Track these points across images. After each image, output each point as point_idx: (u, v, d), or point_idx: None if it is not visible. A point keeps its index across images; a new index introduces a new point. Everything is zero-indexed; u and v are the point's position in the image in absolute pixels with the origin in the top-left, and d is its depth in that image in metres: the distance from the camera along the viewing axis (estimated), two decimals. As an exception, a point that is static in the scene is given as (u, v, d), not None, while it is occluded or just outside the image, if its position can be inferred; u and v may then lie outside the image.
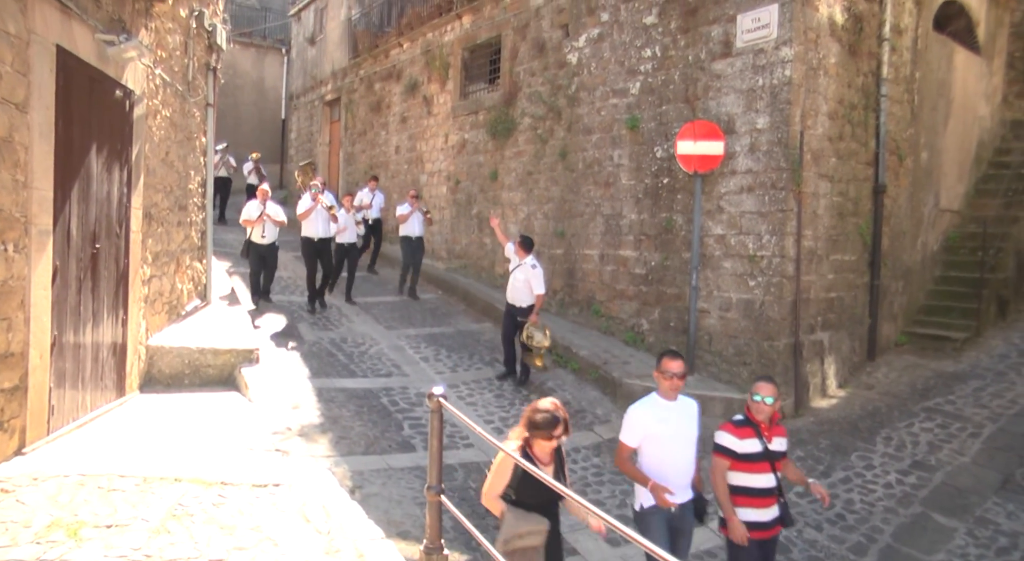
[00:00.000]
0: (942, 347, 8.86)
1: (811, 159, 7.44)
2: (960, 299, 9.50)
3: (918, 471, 6.13)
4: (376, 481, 5.52)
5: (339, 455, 5.88)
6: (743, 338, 7.54)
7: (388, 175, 14.78)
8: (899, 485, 5.95)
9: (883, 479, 6.06)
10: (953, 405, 7.31)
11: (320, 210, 9.86)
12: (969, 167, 10.75)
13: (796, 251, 7.32)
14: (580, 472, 6.12)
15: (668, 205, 8.38)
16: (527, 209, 10.68)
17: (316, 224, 9.87)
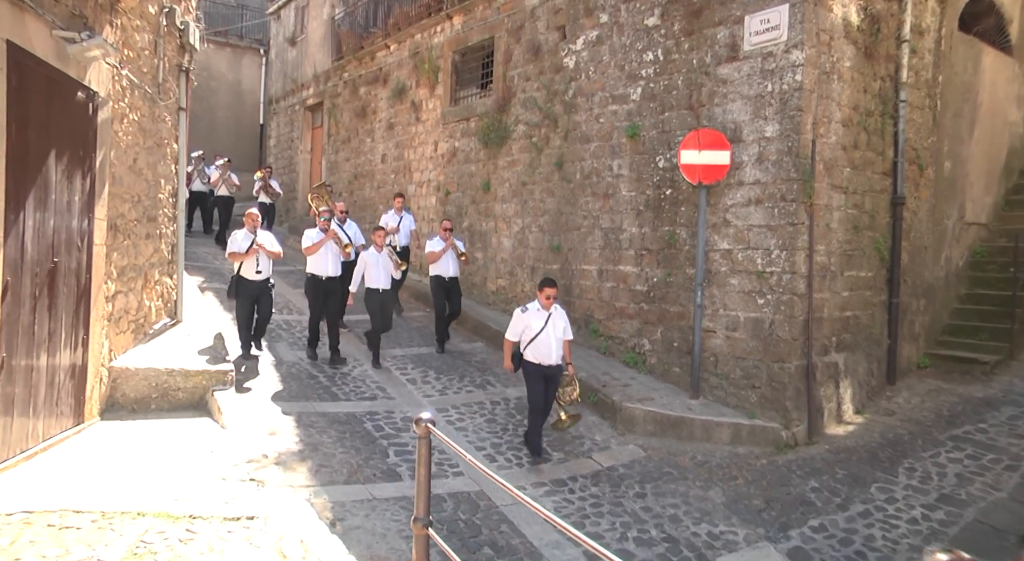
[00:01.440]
0: (970, 370, 8.83)
1: (823, 169, 7.48)
2: (989, 318, 9.48)
3: (946, 506, 6.03)
4: (359, 513, 5.47)
5: (319, 485, 5.82)
6: (751, 360, 7.52)
7: (373, 185, 14.78)
8: (925, 521, 5.85)
9: (907, 514, 5.96)
10: (985, 434, 7.25)
11: (330, 244, 9.02)
12: (998, 177, 10.74)
13: (808, 267, 7.34)
14: (577, 503, 6.08)
15: (671, 218, 8.40)
16: (521, 222, 10.70)
17: (324, 260, 8.97)
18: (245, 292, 8.46)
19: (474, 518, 5.67)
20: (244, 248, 8.41)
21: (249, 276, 8.47)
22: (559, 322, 6.75)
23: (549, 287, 6.66)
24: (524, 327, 6.66)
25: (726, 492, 6.33)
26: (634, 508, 6.02)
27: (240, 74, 22.26)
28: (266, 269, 8.52)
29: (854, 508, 6.06)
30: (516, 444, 7.12)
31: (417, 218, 13.24)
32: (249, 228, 8.53)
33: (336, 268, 9.03)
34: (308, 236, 8.97)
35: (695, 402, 7.70)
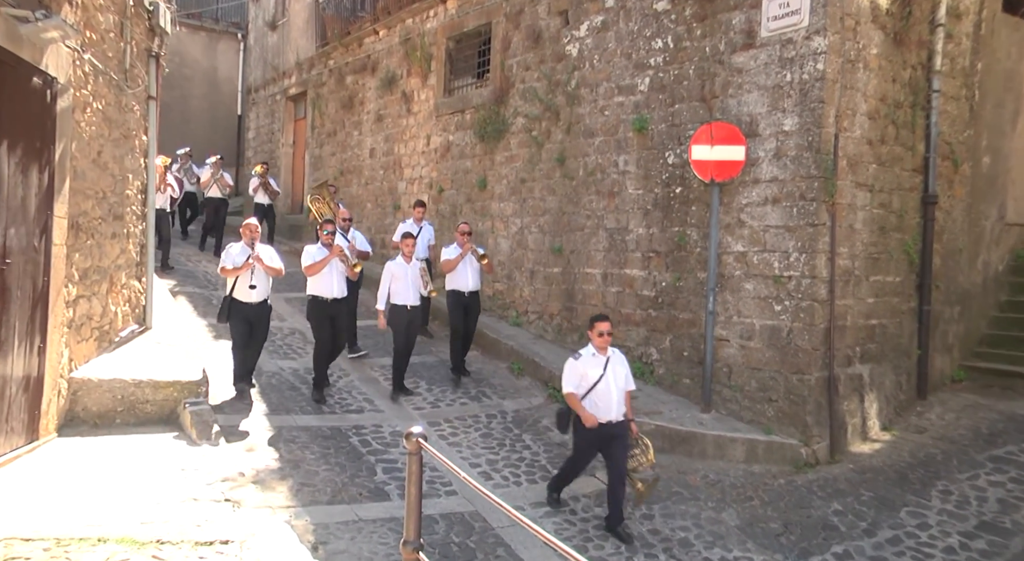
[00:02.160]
0: (1012, 385, 8.76)
1: (847, 166, 7.47)
2: None
3: (988, 534, 5.93)
4: (343, 535, 5.43)
5: (300, 505, 5.79)
6: (768, 371, 7.49)
7: (361, 182, 14.76)
8: (964, 550, 5.76)
9: (942, 542, 5.87)
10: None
11: (335, 262, 8.23)
12: None
13: (829, 271, 7.32)
14: (579, 525, 6.04)
15: (681, 218, 8.38)
16: (520, 222, 10.68)
17: (329, 280, 8.20)
18: (239, 315, 7.75)
19: (468, 541, 5.63)
20: (239, 262, 7.74)
21: (243, 296, 7.73)
22: (619, 368, 6.06)
23: (602, 322, 6.00)
24: (579, 377, 5.99)
25: (741, 514, 6.29)
26: (640, 531, 5.98)
27: (216, 61, 22.25)
28: (263, 287, 7.82)
29: (882, 534, 5.99)
30: (513, 461, 7.08)
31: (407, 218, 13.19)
32: (247, 240, 7.87)
33: (342, 288, 8.30)
34: (308, 253, 8.20)
35: (707, 416, 7.66)
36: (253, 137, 20.75)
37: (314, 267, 8.13)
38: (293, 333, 10.25)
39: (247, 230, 7.96)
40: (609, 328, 6.07)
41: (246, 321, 7.78)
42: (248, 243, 7.89)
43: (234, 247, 7.91)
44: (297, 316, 10.87)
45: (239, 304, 7.79)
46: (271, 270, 7.92)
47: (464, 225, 9.20)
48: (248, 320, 7.78)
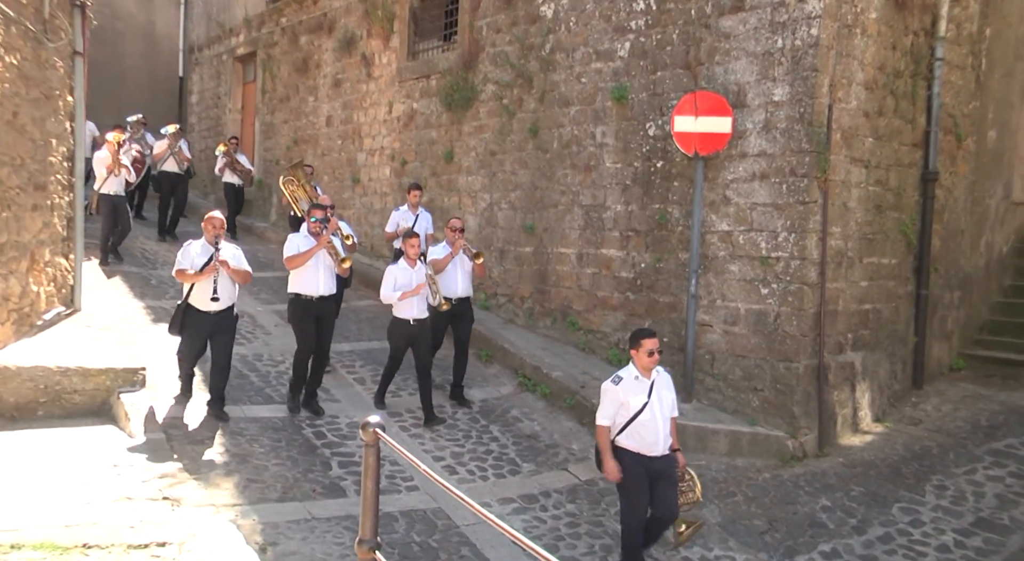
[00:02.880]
0: (1015, 375, 8.89)
1: (841, 139, 7.49)
2: None
3: (985, 531, 6.02)
4: (295, 535, 5.38)
5: (248, 503, 5.72)
6: (753, 358, 7.53)
7: (317, 153, 14.56)
8: (959, 548, 5.83)
9: (936, 539, 5.94)
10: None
11: (322, 255, 7.45)
12: None
13: (820, 252, 7.35)
14: (550, 522, 6.04)
15: (662, 195, 8.37)
16: (489, 197, 10.62)
17: (314, 275, 7.42)
18: (196, 328, 7.01)
19: (430, 540, 5.61)
20: (198, 265, 6.95)
21: (202, 305, 6.96)
22: (666, 393, 5.42)
23: (649, 338, 5.33)
24: (619, 406, 5.30)
25: (723, 511, 6.33)
26: (616, 528, 5.98)
27: (153, 15, 21.63)
28: (227, 296, 7.05)
29: (872, 531, 6.06)
30: (480, 454, 7.06)
31: (370, 192, 13.08)
32: (209, 237, 7.05)
33: (330, 285, 7.52)
34: (292, 243, 7.43)
35: (687, 406, 7.69)
36: (197, 102, 20.33)
37: (298, 259, 7.29)
38: (241, 316, 10.06)
39: (210, 225, 7.08)
40: (659, 346, 5.37)
41: (203, 335, 7.07)
42: (211, 241, 7.03)
43: (193, 245, 7.11)
44: (247, 299, 10.68)
45: (197, 314, 7.00)
46: (238, 275, 7.14)
47: (456, 220, 8.37)
48: (206, 333, 7.05)
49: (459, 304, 8.14)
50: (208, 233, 7.09)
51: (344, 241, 8.24)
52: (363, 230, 13.15)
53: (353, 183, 13.44)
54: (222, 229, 7.21)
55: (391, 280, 7.52)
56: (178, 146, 13.46)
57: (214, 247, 7.03)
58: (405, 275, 7.55)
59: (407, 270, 7.58)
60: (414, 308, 7.56)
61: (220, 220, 7.21)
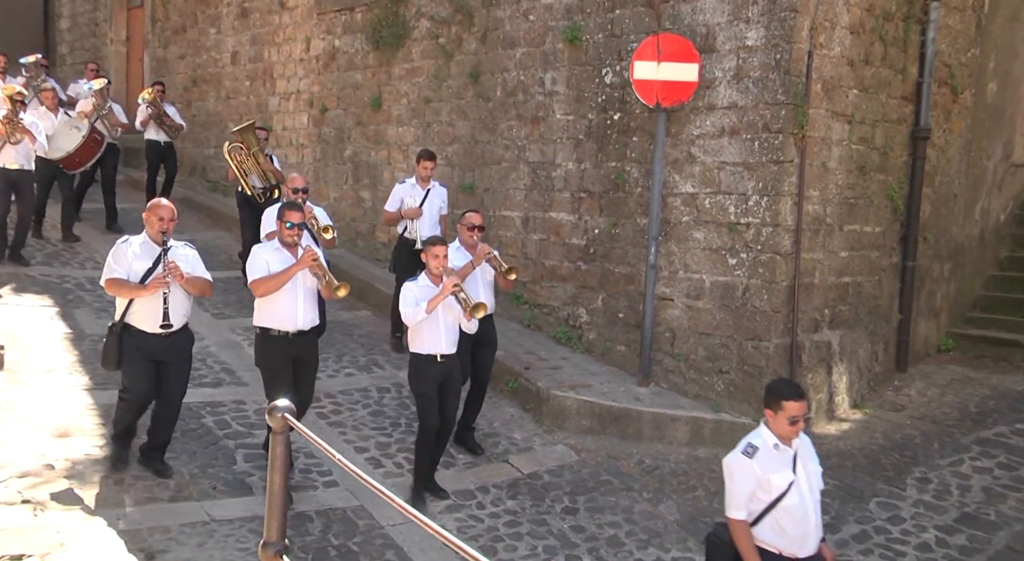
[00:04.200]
0: (1008, 356, 9.10)
1: (822, 91, 7.55)
2: None
3: (969, 528, 6.17)
4: (190, 541, 5.30)
5: (133, 504, 5.63)
6: (718, 337, 7.62)
7: (220, 95, 14.22)
8: (941, 547, 5.99)
9: (916, 537, 6.08)
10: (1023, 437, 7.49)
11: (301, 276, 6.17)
12: None
13: (796, 218, 7.43)
14: (488, 521, 6.05)
15: (619, 151, 8.36)
16: (423, 151, 10.51)
17: (291, 302, 6.16)
18: (139, 355, 5.88)
19: (350, 543, 5.58)
20: (139, 272, 5.84)
21: (147, 326, 5.85)
22: (812, 466, 4.62)
23: (796, 401, 4.43)
24: (755, 485, 4.42)
25: (681, 507, 6.42)
26: (562, 528, 6.03)
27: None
28: (180, 311, 5.98)
29: (847, 529, 6.19)
30: (410, 444, 7.03)
31: (284, 144, 12.81)
32: (153, 232, 5.95)
33: (312, 314, 6.32)
34: (259, 258, 6.13)
35: (644, 390, 7.76)
36: (68, 28, 19.58)
37: (269, 283, 5.98)
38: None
39: (154, 216, 5.92)
40: (805, 410, 4.51)
41: (151, 363, 5.91)
42: (158, 239, 5.91)
43: (131, 244, 5.93)
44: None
45: (140, 337, 5.87)
46: (194, 286, 6.02)
47: (473, 215, 7.17)
48: (154, 361, 5.91)
49: (480, 325, 6.68)
50: (151, 226, 5.93)
51: (320, 234, 7.39)
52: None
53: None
54: (171, 222, 5.96)
55: (411, 299, 6.12)
56: (108, 107, 11.67)
57: (161, 248, 5.87)
58: (426, 292, 6.15)
59: (430, 288, 6.17)
60: (442, 338, 6.25)
61: (169, 209, 5.98)
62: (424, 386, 6.25)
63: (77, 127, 10.94)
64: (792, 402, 4.39)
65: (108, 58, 17.60)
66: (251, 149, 9.76)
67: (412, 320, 6.15)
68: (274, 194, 9.87)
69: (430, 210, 8.53)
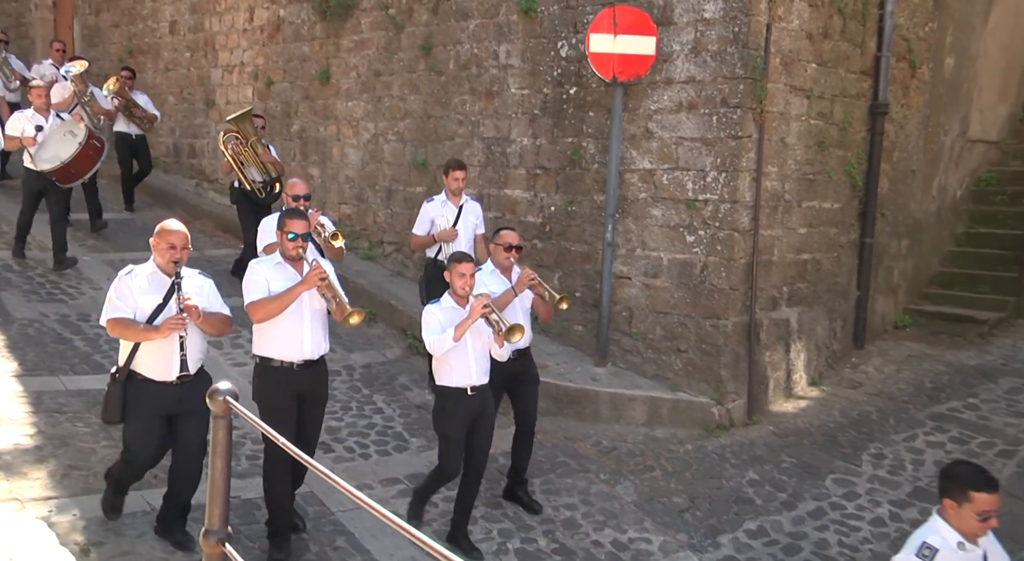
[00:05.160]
0: (963, 332, 9.30)
1: (780, 65, 7.59)
2: (993, 266, 9.95)
3: (922, 502, 6.31)
4: (129, 532, 5.23)
5: (67, 495, 5.53)
6: (676, 315, 7.66)
7: (159, 67, 13.90)
8: (895, 521, 6.16)
9: (871, 513, 6.26)
10: (975, 412, 7.67)
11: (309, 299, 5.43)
12: (1019, 78, 11.09)
13: (754, 195, 7.48)
14: (442, 506, 6.05)
15: (576, 126, 8.35)
16: (373, 127, 10.41)
17: (297, 329, 5.36)
18: (148, 409, 5.08)
19: (299, 530, 5.55)
20: (147, 311, 5.07)
21: (157, 374, 5.09)
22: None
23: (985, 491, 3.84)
24: None
25: (639, 488, 6.46)
26: (517, 511, 6.06)
27: None
28: (196, 358, 5.21)
29: (803, 506, 6.32)
30: (361, 428, 7.01)
31: (225, 118, 12.56)
32: (163, 261, 5.12)
33: (319, 342, 5.49)
34: (257, 276, 5.31)
35: (601, 370, 7.79)
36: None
37: (270, 306, 5.19)
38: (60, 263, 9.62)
39: (164, 242, 5.08)
40: (998, 504, 3.91)
41: (162, 418, 5.14)
42: (168, 269, 5.11)
43: (136, 276, 5.12)
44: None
45: (149, 388, 5.09)
46: (212, 325, 5.26)
47: (510, 233, 6.27)
48: (165, 415, 5.14)
49: (518, 359, 6.11)
50: (161, 255, 5.09)
51: (329, 243, 6.65)
52: (220, 164, 12.68)
53: (207, 106, 12.92)
54: (185, 251, 5.13)
55: (435, 325, 5.49)
56: (89, 92, 10.68)
57: (173, 280, 5.06)
58: (455, 318, 5.48)
59: (455, 311, 5.55)
60: (472, 367, 5.56)
61: (183, 235, 5.13)
62: (451, 427, 5.54)
63: (72, 132, 9.38)
64: (983, 494, 3.81)
65: (33, 25, 17.03)
66: (248, 139, 9.12)
67: (439, 350, 5.42)
68: (275, 188, 9.38)
69: (465, 230, 7.52)
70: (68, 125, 9.46)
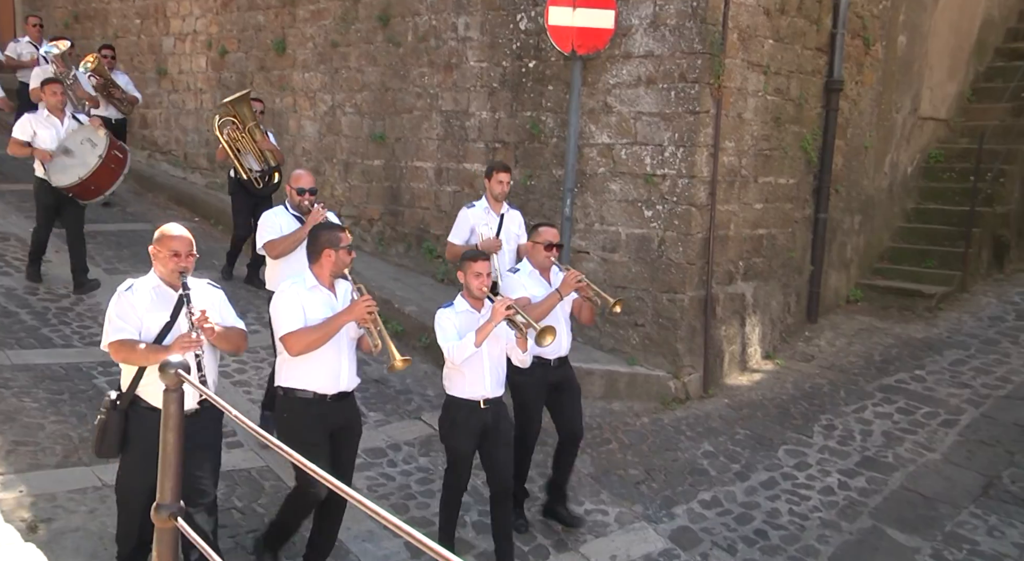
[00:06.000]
0: (912, 306, 9.53)
1: (738, 40, 7.61)
2: (941, 241, 10.19)
3: (869, 471, 6.55)
4: (79, 507, 5.18)
5: (13, 471, 5.47)
6: (634, 289, 7.69)
7: (108, 35, 13.46)
8: (843, 490, 6.34)
9: (821, 482, 6.42)
10: (921, 383, 7.91)
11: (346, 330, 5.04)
12: (967, 57, 11.27)
13: (712, 170, 7.52)
14: (399, 479, 6.06)
15: (534, 100, 8.32)
16: (331, 99, 10.31)
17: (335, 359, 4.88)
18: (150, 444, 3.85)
19: (255, 504, 5.53)
20: (154, 331, 4.41)
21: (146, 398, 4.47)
22: None
23: None
24: None
25: (595, 461, 6.51)
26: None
27: None
28: (213, 380, 4.59)
29: (756, 477, 6.46)
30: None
31: (180, 88, 12.36)
32: (166, 271, 4.45)
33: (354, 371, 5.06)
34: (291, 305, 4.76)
35: (560, 346, 7.81)
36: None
37: (310, 338, 4.65)
38: (7, 239, 9.41)
39: (166, 250, 4.42)
40: None
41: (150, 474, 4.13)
42: (173, 281, 4.45)
43: (136, 290, 4.43)
44: (12, 214, 9.88)
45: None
46: (227, 342, 4.63)
47: (549, 230, 5.73)
48: None
49: (558, 368, 5.73)
50: (164, 265, 4.43)
51: None
52: (174, 136, 12.52)
53: (159, 75, 12.68)
54: (191, 258, 4.48)
55: (451, 330, 5.01)
56: (72, 76, 9.67)
57: (180, 293, 4.41)
58: (470, 323, 5.04)
59: (471, 314, 5.10)
60: (487, 377, 5.08)
61: (186, 240, 4.48)
62: (460, 441, 5.11)
63: (91, 140, 8.01)
64: None
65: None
66: (246, 124, 8.40)
67: (459, 357, 4.90)
68: (274, 178, 8.72)
69: (508, 240, 6.75)
70: (85, 132, 8.10)
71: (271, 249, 5.96)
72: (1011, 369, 8.08)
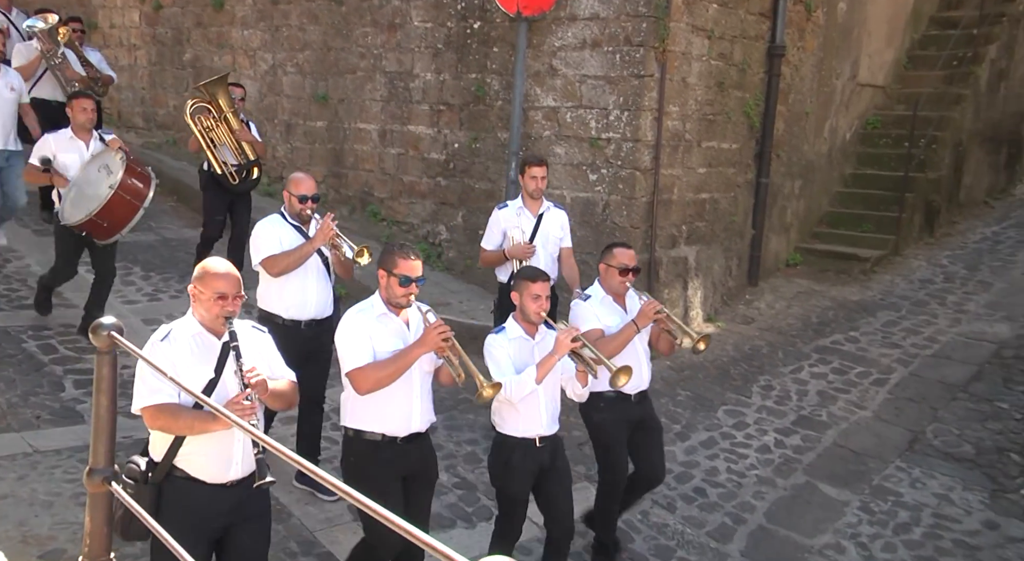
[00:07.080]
0: (848, 269, 9.74)
1: (683, 4, 7.58)
2: (876, 206, 10.37)
3: (804, 429, 6.73)
4: (9, 475, 5.08)
5: None
6: (579, 253, 7.63)
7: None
8: (779, 448, 6.50)
9: (758, 441, 6.58)
10: (855, 344, 8.12)
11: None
12: (904, 25, 11.42)
13: (656, 134, 7.52)
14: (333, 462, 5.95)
15: (479, 62, 8.26)
16: (271, 58, 10.14)
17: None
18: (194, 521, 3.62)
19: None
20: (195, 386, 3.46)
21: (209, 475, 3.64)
22: None
23: None
24: None
25: (539, 423, 6.52)
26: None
27: None
28: None
29: (696, 436, 6.58)
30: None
31: (113, 44, 11.96)
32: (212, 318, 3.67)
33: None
34: (359, 336, 4.12)
35: (503, 311, 7.78)
36: None
37: (381, 374, 4.05)
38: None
39: (209, 291, 3.65)
40: None
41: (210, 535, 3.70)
42: (216, 327, 3.68)
43: (173, 340, 3.68)
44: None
45: (196, 493, 3.63)
46: (282, 399, 3.91)
47: (624, 251, 5.04)
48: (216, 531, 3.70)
49: (639, 403, 5.09)
50: (209, 310, 3.66)
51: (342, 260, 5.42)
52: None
53: (89, 29, 12.21)
54: (239, 300, 3.68)
55: (505, 362, 4.41)
56: (60, 54, 8.51)
57: (226, 343, 3.67)
58: (524, 352, 4.49)
59: (525, 342, 4.52)
60: (543, 413, 4.51)
61: (234, 279, 3.70)
62: (515, 485, 4.51)
63: (108, 167, 6.47)
64: None
65: None
66: (223, 112, 7.47)
67: (518, 395, 4.29)
68: (252, 174, 7.78)
69: (545, 244, 6.11)
70: (104, 157, 6.55)
71: (271, 266, 5.20)
72: (938, 329, 8.33)
